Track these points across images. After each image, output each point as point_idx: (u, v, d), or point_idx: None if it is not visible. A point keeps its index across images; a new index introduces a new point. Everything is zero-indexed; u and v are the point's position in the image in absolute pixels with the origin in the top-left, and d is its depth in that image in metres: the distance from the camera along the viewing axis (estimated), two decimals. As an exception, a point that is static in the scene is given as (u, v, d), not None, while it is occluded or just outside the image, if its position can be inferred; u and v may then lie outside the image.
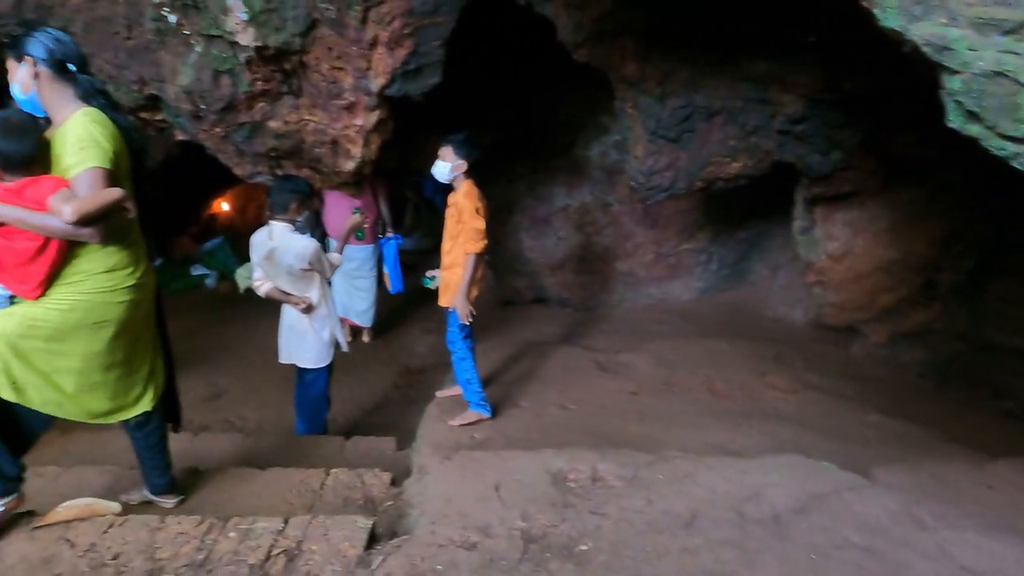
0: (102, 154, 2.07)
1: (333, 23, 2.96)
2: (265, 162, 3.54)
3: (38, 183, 2.04)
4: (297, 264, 3.35)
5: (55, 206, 1.98)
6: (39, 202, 2.01)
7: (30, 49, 2.09)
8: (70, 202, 1.98)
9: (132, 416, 2.43)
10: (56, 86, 2.12)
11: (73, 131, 2.08)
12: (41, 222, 2.00)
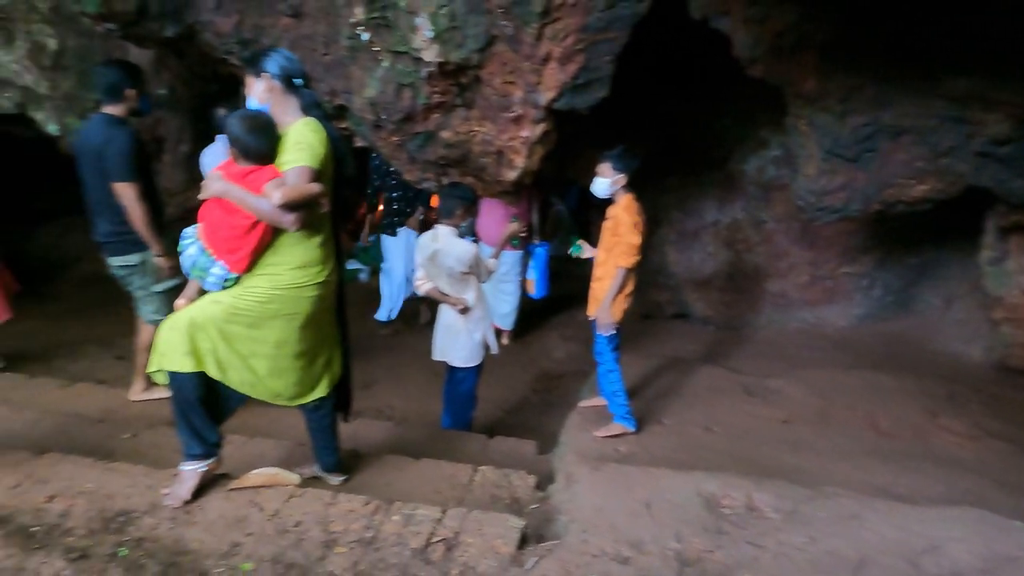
0: (313, 156, 2.33)
1: (510, 40, 3.09)
2: (433, 169, 3.74)
3: (260, 172, 2.32)
4: (457, 267, 3.53)
5: (268, 191, 2.24)
6: (257, 187, 2.28)
7: (267, 66, 2.38)
8: (280, 189, 2.24)
9: (310, 400, 2.68)
10: (284, 98, 2.41)
11: (294, 134, 2.36)
12: (255, 203, 2.26)
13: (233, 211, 2.28)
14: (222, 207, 2.30)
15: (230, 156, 2.39)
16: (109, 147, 3.14)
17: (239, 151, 2.33)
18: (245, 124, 2.32)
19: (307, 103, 2.44)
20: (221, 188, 2.28)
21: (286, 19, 3.33)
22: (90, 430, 3.36)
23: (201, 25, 3.33)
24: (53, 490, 2.48)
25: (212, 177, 2.34)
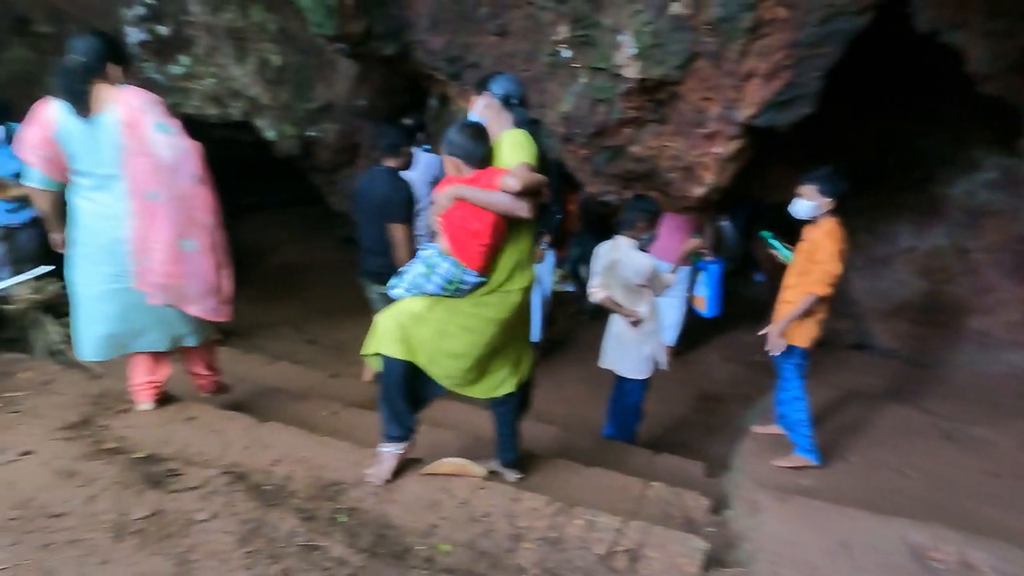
0: (530, 155, 2.48)
1: (712, 56, 3.06)
2: (617, 183, 3.79)
3: (489, 172, 2.50)
4: (634, 279, 3.55)
5: (504, 182, 2.40)
6: (490, 185, 2.45)
7: (492, 86, 2.59)
8: (516, 177, 2.38)
9: (500, 394, 2.82)
10: (500, 115, 2.61)
11: (509, 139, 2.54)
12: (491, 197, 2.42)
13: (467, 218, 2.45)
14: (456, 215, 2.47)
15: (448, 170, 2.58)
16: (395, 196, 3.63)
17: (463, 156, 2.51)
18: (466, 132, 2.53)
19: (519, 120, 2.61)
20: (455, 191, 2.46)
21: (492, 38, 3.53)
22: (295, 405, 3.75)
23: (416, 44, 3.62)
24: (277, 455, 2.81)
25: (443, 191, 2.52)
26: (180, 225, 2.69)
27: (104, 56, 2.61)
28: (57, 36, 5.82)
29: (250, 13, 5.53)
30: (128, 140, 2.58)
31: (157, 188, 2.64)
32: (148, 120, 2.58)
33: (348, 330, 6.39)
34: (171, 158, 2.62)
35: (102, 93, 2.58)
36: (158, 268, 2.73)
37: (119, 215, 2.69)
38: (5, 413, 2.94)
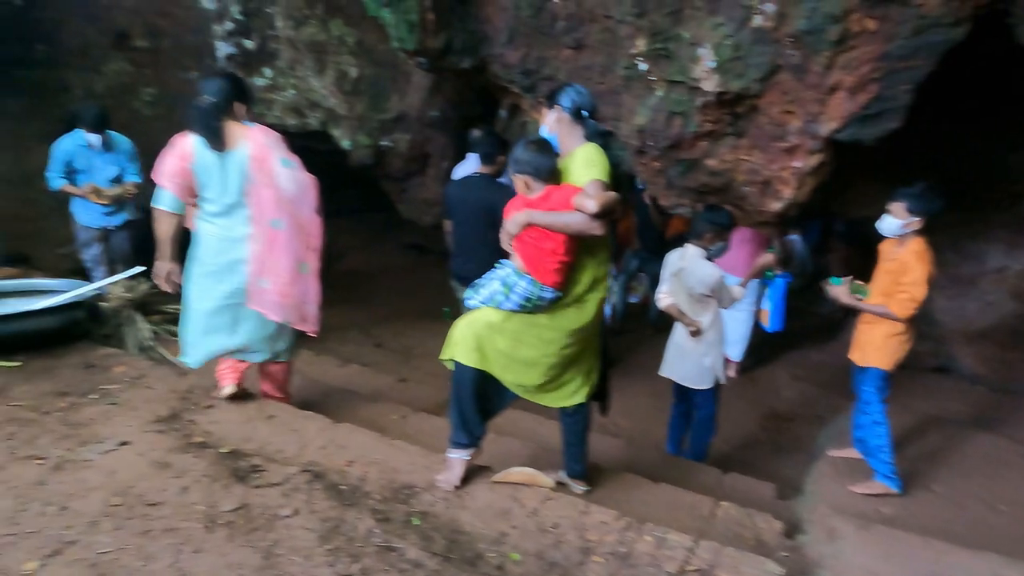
0: (603, 171, 2.49)
1: (795, 69, 3.00)
2: (690, 195, 3.75)
3: (560, 190, 2.52)
4: (699, 288, 3.51)
5: (580, 202, 2.40)
6: (563, 203, 2.47)
7: (561, 100, 2.61)
8: (591, 198, 2.39)
9: (571, 404, 2.83)
10: (571, 128, 2.62)
11: (582, 155, 2.55)
12: (564, 219, 2.43)
13: (540, 237, 2.47)
14: (530, 235, 2.49)
15: (518, 189, 2.61)
16: (498, 200, 3.64)
17: (531, 173, 2.54)
18: (533, 148, 2.56)
19: (590, 132, 2.62)
20: (526, 217, 2.48)
21: (568, 51, 3.56)
22: (366, 408, 3.86)
23: (492, 57, 3.69)
24: (351, 456, 2.89)
25: (512, 217, 2.54)
26: (299, 250, 3.01)
27: (232, 96, 2.94)
28: (153, 51, 6.20)
29: (330, 27, 5.75)
30: (256, 173, 2.88)
31: (280, 216, 2.94)
32: (274, 156, 2.88)
33: (413, 335, 6.54)
34: (293, 190, 2.92)
35: (233, 130, 2.90)
36: (277, 289, 3.01)
37: (239, 239, 3.00)
38: (104, 404, 3.13)
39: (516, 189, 2.61)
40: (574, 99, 2.61)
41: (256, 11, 5.78)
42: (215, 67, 6.06)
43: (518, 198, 2.60)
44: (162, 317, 4.96)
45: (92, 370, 3.64)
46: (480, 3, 3.53)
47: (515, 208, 2.58)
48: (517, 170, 2.56)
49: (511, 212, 2.58)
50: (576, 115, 2.61)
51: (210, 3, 5.80)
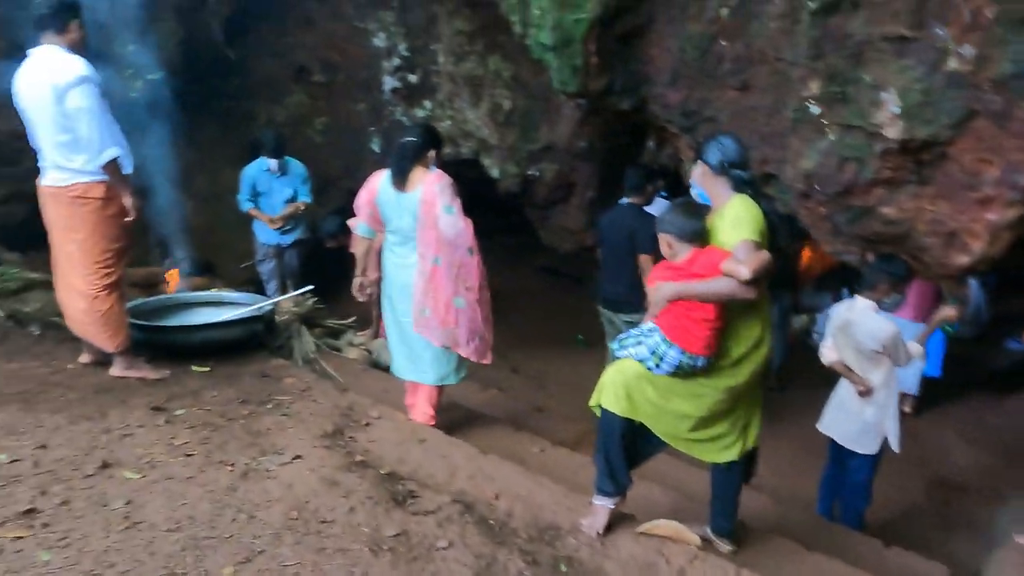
0: (754, 229, 2.40)
1: (995, 115, 2.75)
2: (859, 244, 3.53)
3: (707, 253, 2.46)
4: (870, 344, 3.28)
5: (730, 267, 2.34)
6: (710, 268, 2.41)
7: (706, 156, 2.58)
8: (742, 263, 2.32)
9: (723, 460, 2.74)
10: (716, 180, 2.57)
11: (730, 212, 2.48)
12: (714, 287, 2.37)
13: (691, 305, 2.42)
14: (678, 304, 2.44)
15: (663, 250, 2.58)
16: (642, 228, 4.03)
17: (677, 234, 2.49)
18: (680, 209, 2.53)
19: (737, 183, 2.55)
20: (672, 292, 2.44)
21: (732, 92, 3.48)
22: (507, 436, 3.95)
23: (652, 98, 3.69)
24: (498, 488, 2.98)
25: (657, 288, 2.50)
26: (454, 286, 3.29)
27: (429, 144, 3.30)
28: (328, 84, 6.79)
29: (488, 62, 6.00)
30: (424, 215, 3.22)
31: (439, 255, 3.26)
32: (440, 202, 3.18)
33: (547, 361, 6.62)
34: (452, 235, 3.22)
35: (417, 174, 3.25)
36: (437, 317, 3.35)
37: (410, 266, 3.37)
38: (277, 415, 3.45)
39: (661, 251, 2.59)
40: (719, 153, 2.56)
41: (421, 48, 6.16)
42: (381, 99, 6.53)
43: (663, 264, 2.56)
44: (323, 330, 5.40)
45: (267, 380, 4.02)
46: (643, 45, 3.55)
47: (660, 274, 2.55)
48: (662, 229, 2.54)
49: (654, 280, 2.55)
50: (721, 169, 2.55)
51: (381, 41, 6.26)
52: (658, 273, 2.55)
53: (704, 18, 3.33)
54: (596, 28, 3.40)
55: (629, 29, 3.49)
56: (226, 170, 6.91)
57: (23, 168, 5.41)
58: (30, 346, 3.86)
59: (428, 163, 3.31)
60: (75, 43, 3.32)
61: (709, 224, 2.55)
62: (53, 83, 3.15)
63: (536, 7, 3.57)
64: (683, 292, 2.44)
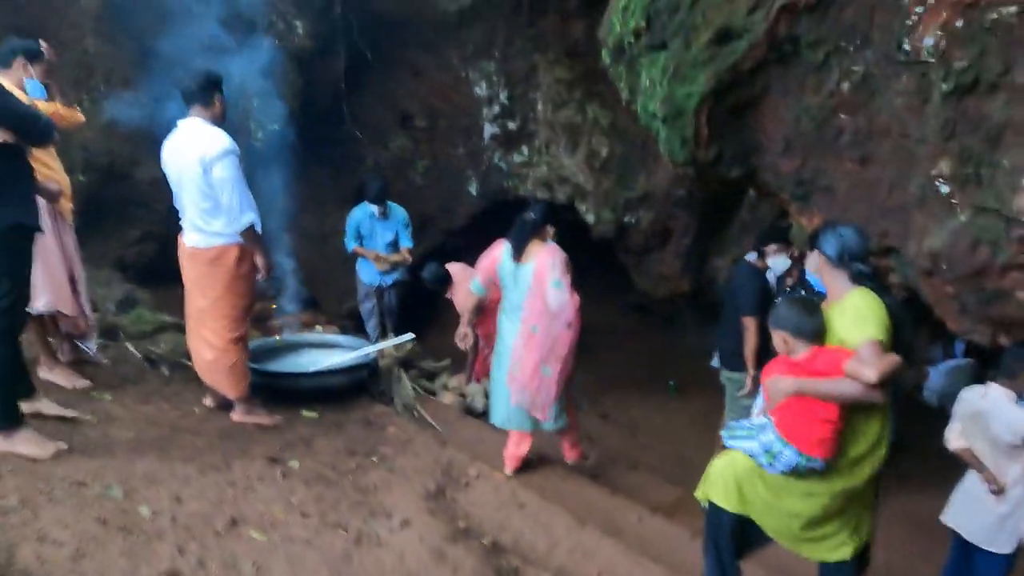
0: (879, 328, 2.30)
1: None
2: (990, 325, 3.30)
3: (827, 352, 2.38)
4: (1007, 437, 3.07)
5: (855, 370, 2.25)
6: (833, 367, 2.33)
7: (822, 245, 2.51)
8: (869, 366, 2.23)
9: (832, 559, 2.62)
10: (835, 272, 2.51)
11: (852, 308, 2.39)
12: (837, 387, 2.30)
13: (812, 402, 2.35)
14: (797, 403, 2.37)
15: (777, 346, 2.51)
16: (745, 288, 4.23)
17: (793, 332, 2.43)
18: (797, 306, 2.46)
19: (856, 276, 2.46)
20: (792, 387, 2.37)
21: (851, 164, 3.36)
22: (603, 499, 3.93)
23: (763, 166, 3.62)
24: (599, 566, 2.98)
25: (775, 381, 2.44)
26: (545, 355, 3.48)
27: (547, 221, 3.62)
28: (430, 129, 7.05)
29: (587, 110, 6.07)
30: (534, 285, 3.48)
31: (539, 324, 3.45)
32: (551, 276, 3.41)
33: (638, 408, 6.54)
34: (556, 307, 3.40)
35: (533, 247, 3.56)
36: (523, 379, 3.53)
37: (514, 329, 3.65)
38: (383, 470, 3.59)
39: (775, 344, 2.52)
40: (838, 245, 2.48)
41: (521, 96, 6.31)
42: (481, 144, 6.72)
43: (779, 359, 2.50)
44: (418, 372, 5.57)
45: (371, 428, 4.19)
46: (755, 115, 3.49)
47: (776, 370, 2.48)
48: (777, 325, 2.48)
49: (771, 372, 2.49)
50: (839, 260, 2.47)
51: (482, 90, 6.45)
52: (775, 367, 2.50)
53: (823, 91, 3.24)
54: (708, 101, 3.38)
55: (742, 101, 3.45)
56: (333, 210, 7.29)
57: (156, 212, 5.93)
58: (161, 386, 4.19)
59: (545, 237, 3.59)
60: (218, 116, 3.62)
61: (826, 316, 2.47)
62: (200, 156, 3.43)
63: (646, 77, 3.59)
64: (804, 388, 2.37)
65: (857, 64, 3.10)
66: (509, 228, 3.73)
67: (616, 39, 3.69)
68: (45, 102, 3.66)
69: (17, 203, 2.82)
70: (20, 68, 3.46)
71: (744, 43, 3.25)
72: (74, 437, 3.24)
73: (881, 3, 2.85)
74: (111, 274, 5.44)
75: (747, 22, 3.21)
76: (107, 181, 5.54)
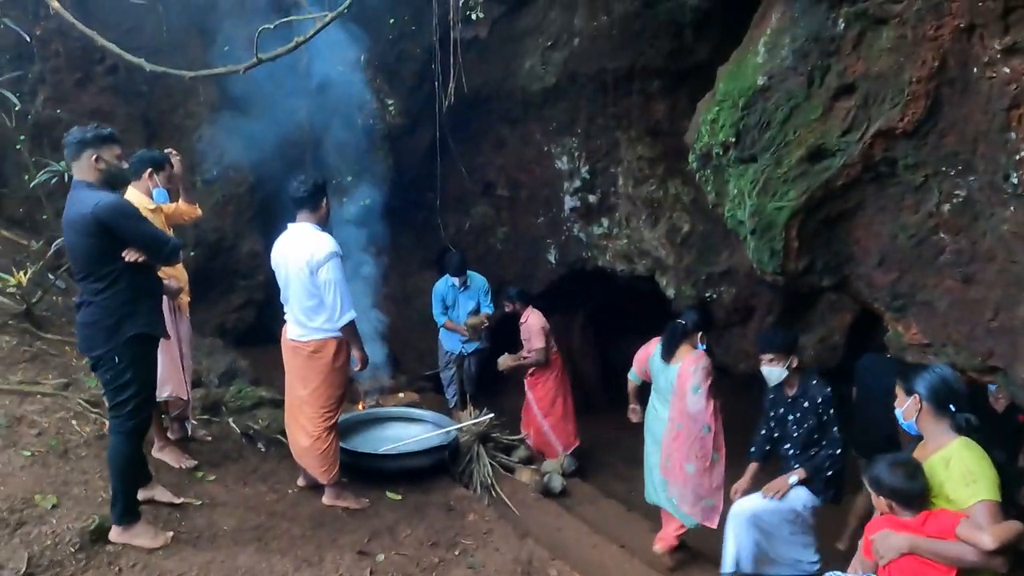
0: (991, 486, 2.19)
1: None
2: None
3: (937, 516, 2.29)
4: None
5: (970, 535, 2.16)
6: (943, 531, 2.24)
7: (917, 386, 2.42)
8: (985, 532, 2.13)
9: None
10: (933, 419, 2.42)
11: (959, 462, 2.30)
12: (954, 550, 2.21)
13: (924, 565, 2.28)
14: (910, 564, 2.30)
15: (877, 506, 2.42)
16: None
17: (900, 500, 2.35)
18: (900, 471, 2.36)
19: (959, 425, 2.37)
20: (907, 545, 2.29)
21: (952, 282, 3.25)
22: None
23: (856, 277, 3.54)
24: None
25: (885, 536, 2.37)
26: (688, 453, 3.86)
27: (697, 328, 4.04)
28: (511, 199, 7.22)
29: (668, 186, 6.09)
30: (677, 386, 3.90)
31: (682, 423, 3.90)
32: (692, 381, 3.79)
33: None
34: (694, 411, 3.83)
35: (682, 351, 4.00)
36: (673, 472, 4.00)
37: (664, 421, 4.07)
38: (464, 567, 3.66)
39: (875, 504, 2.45)
40: (935, 387, 2.39)
41: (602, 171, 6.39)
42: (560, 215, 6.83)
43: (887, 518, 2.41)
44: (494, 445, 5.65)
45: (452, 515, 4.28)
46: (848, 228, 3.43)
47: (881, 526, 2.40)
48: (877, 491, 2.40)
49: (878, 528, 2.41)
50: (940, 406, 2.38)
51: (563, 164, 6.58)
52: (881, 524, 2.42)
53: (921, 211, 3.16)
54: (800, 215, 3.35)
55: (834, 214, 3.40)
56: (416, 274, 7.56)
57: (255, 281, 6.32)
58: (259, 464, 4.43)
59: (695, 343, 3.98)
60: (323, 219, 3.87)
61: (926, 467, 2.39)
62: (308, 259, 3.68)
63: (734, 187, 3.59)
64: (919, 547, 2.29)
65: (959, 188, 3.02)
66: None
67: (704, 147, 3.72)
68: (169, 204, 4.03)
69: (144, 314, 3.12)
70: (148, 179, 3.81)
71: (838, 161, 3.22)
72: (183, 523, 3.49)
73: (985, 136, 2.77)
74: (214, 342, 5.80)
75: (840, 142, 3.18)
76: (215, 255, 5.96)
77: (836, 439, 3.68)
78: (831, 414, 3.70)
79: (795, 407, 3.84)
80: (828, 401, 3.71)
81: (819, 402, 3.74)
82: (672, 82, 5.79)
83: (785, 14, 3.26)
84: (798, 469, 3.74)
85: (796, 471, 3.73)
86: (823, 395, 3.73)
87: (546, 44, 6.15)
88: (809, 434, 3.75)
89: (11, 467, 3.39)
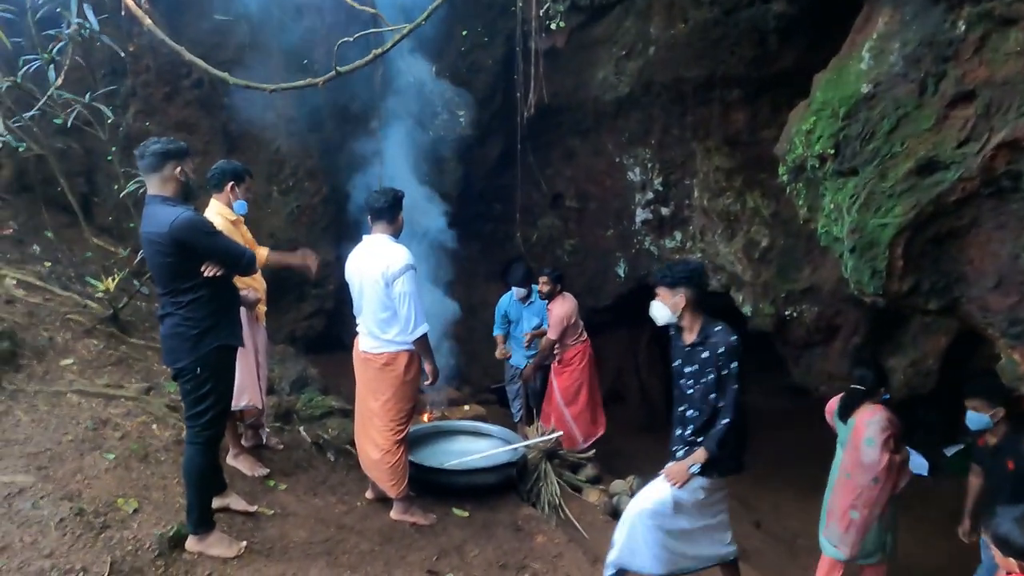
0: None
1: None
2: None
3: None
4: None
5: None
6: None
7: None
8: None
9: None
10: None
11: None
12: None
13: None
14: None
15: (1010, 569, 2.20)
16: None
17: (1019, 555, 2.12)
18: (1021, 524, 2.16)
19: None
20: None
21: (1082, 308, 2.94)
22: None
23: (968, 299, 3.25)
24: None
25: None
26: (854, 500, 3.70)
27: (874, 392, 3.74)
28: (580, 210, 7.09)
29: (746, 199, 5.84)
30: (853, 437, 3.74)
31: (852, 472, 3.73)
32: (866, 433, 3.65)
33: (797, 518, 6.00)
34: (865, 462, 3.63)
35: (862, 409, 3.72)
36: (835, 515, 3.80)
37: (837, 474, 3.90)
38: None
39: (997, 561, 2.21)
40: None
41: (676, 182, 6.20)
42: (631, 228, 6.66)
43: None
44: (560, 462, 5.50)
45: (520, 535, 4.16)
46: (959, 246, 3.16)
47: None
48: (1006, 550, 2.17)
49: None
50: None
51: (635, 176, 6.41)
52: None
53: (1049, 229, 2.88)
54: (907, 232, 3.10)
55: (944, 231, 3.14)
56: (482, 284, 7.51)
57: (326, 290, 6.39)
58: (328, 474, 4.43)
59: (876, 400, 3.75)
60: (398, 230, 3.85)
61: None
62: (383, 271, 3.66)
63: (830, 201, 3.37)
64: None
65: (1096, 206, 2.72)
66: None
67: (797, 158, 3.51)
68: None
69: (224, 326, 3.14)
70: (229, 191, 3.87)
71: (952, 174, 2.96)
72: (255, 533, 3.49)
73: None
74: (285, 349, 5.88)
75: (956, 154, 2.93)
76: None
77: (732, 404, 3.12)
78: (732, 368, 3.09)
79: (692, 358, 3.22)
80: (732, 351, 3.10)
81: (720, 352, 3.12)
82: (753, 90, 5.56)
83: (894, 17, 3.03)
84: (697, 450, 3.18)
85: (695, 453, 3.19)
86: (727, 343, 3.11)
87: (620, 53, 6.01)
88: (706, 392, 3.15)
89: (97, 469, 3.47)
